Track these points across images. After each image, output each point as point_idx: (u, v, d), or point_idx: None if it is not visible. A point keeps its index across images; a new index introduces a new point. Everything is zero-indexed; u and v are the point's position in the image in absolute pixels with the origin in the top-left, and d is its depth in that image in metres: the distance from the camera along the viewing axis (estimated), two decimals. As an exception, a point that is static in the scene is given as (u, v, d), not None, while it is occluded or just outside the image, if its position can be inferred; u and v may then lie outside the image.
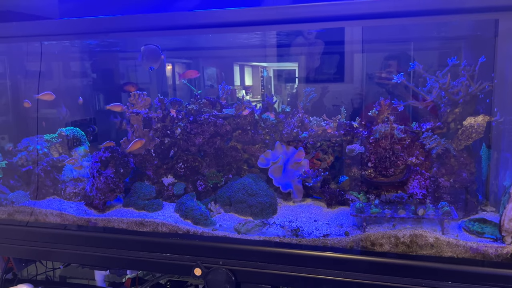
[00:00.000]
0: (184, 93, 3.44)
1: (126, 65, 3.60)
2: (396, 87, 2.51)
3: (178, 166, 2.22)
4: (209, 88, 3.39)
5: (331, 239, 1.78)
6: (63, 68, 3.24)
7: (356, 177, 2.06)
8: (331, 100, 2.92)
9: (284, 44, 2.90)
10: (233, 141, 2.25)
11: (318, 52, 3.01)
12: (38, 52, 2.49)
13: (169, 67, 3.53)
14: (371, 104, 2.62)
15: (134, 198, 2.15)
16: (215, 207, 2.12)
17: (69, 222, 2.15)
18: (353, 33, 2.63)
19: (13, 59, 2.98)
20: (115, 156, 2.14)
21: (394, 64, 2.69)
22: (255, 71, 3.49)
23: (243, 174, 2.24)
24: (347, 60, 2.88)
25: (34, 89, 2.50)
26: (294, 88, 3.17)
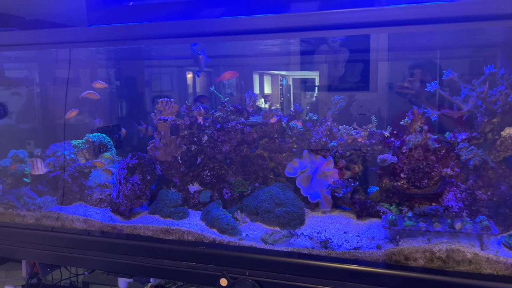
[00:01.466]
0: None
1: (152, 72, 3.65)
2: (417, 97, 2.46)
3: (204, 173, 2.22)
4: (229, 96, 3.41)
5: (362, 252, 1.74)
6: (90, 75, 3.31)
7: (387, 188, 2.01)
8: (356, 109, 2.88)
9: (305, 52, 2.89)
10: (259, 149, 2.24)
11: (342, 60, 2.99)
12: (67, 59, 2.55)
13: (190, 75, 3.58)
14: (400, 113, 2.58)
15: (160, 206, 2.15)
16: (241, 216, 2.11)
17: (95, 228, 2.17)
18: (378, 41, 2.60)
19: (42, 66, 3.07)
20: (142, 162, 2.16)
21: (418, 73, 2.63)
22: (275, 80, 3.50)
23: (269, 183, 2.22)
24: (372, 68, 2.84)
25: (63, 96, 2.56)
26: (313, 96, 3.15)
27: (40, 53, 2.99)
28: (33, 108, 3.13)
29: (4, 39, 2.28)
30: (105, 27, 2.28)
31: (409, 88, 2.45)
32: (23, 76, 2.95)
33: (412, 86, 2.46)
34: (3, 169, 2.45)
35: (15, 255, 2.36)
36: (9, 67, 2.78)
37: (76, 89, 3.18)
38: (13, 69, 2.97)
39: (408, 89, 2.45)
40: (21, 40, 2.28)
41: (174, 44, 2.81)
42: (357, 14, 1.76)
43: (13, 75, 2.73)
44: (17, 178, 2.45)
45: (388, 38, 2.54)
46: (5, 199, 2.35)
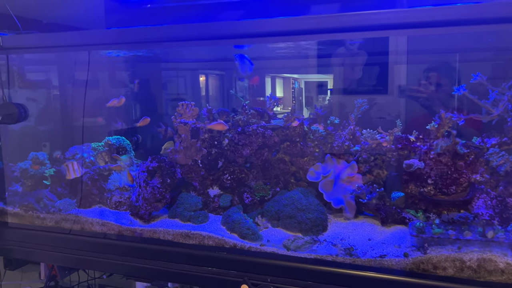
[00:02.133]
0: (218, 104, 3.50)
1: (169, 75, 3.67)
2: (431, 100, 2.41)
3: (225, 177, 2.20)
4: (241, 99, 3.40)
5: (388, 260, 1.69)
6: (109, 78, 3.33)
7: (413, 194, 1.96)
8: (374, 112, 2.84)
9: (318, 55, 2.87)
10: (280, 153, 2.21)
11: (360, 63, 2.95)
12: (86, 61, 2.56)
13: (202, 78, 3.58)
14: (416, 116, 2.53)
15: (180, 210, 2.14)
16: (262, 221, 2.08)
17: (114, 232, 2.17)
18: (397, 43, 2.56)
19: (62, 69, 3.09)
20: (162, 166, 2.15)
21: (433, 76, 2.58)
22: (287, 83, 3.49)
23: (290, 188, 2.19)
24: (391, 71, 2.80)
25: (81, 98, 2.57)
26: (326, 99, 3.12)
27: (59, 55, 3.02)
28: (50, 110, 3.16)
29: (25, 41, 2.30)
30: (125, 29, 2.27)
31: (421, 91, 2.41)
32: (41, 79, 2.97)
33: (425, 89, 2.42)
34: (24, 171, 2.47)
35: (34, 257, 2.37)
36: (28, 69, 2.80)
37: (94, 92, 3.20)
38: (32, 71, 2.99)
39: (421, 92, 2.41)
40: (41, 42, 2.30)
41: (191, 47, 2.80)
42: (379, 16, 1.72)
43: (32, 77, 2.75)
44: (37, 180, 2.46)
45: (408, 41, 2.50)
46: (24, 201, 2.36)
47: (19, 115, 2.25)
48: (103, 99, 3.26)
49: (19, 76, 2.45)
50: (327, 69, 3.17)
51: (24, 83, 2.48)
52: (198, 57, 3.48)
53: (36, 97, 2.85)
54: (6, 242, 2.33)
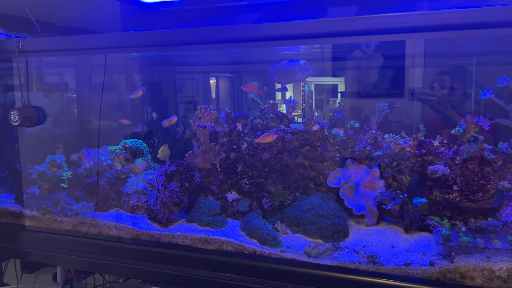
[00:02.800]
0: (228, 107, 3.49)
1: (185, 78, 3.67)
2: (441, 104, 2.36)
3: (243, 182, 2.18)
4: (250, 102, 3.41)
5: (413, 268, 1.66)
6: (125, 81, 3.34)
7: (437, 200, 1.92)
8: (391, 116, 2.80)
9: (329, 58, 2.84)
10: (300, 157, 2.19)
11: (374, 66, 2.92)
12: (103, 64, 2.56)
13: (213, 81, 3.57)
14: (428, 120, 2.48)
15: (198, 214, 2.12)
16: (281, 226, 2.06)
17: (132, 236, 2.16)
18: (415, 46, 2.52)
19: (78, 72, 3.11)
20: (181, 170, 2.14)
21: (445, 79, 2.54)
22: (296, 86, 3.49)
23: (310, 193, 2.16)
24: (408, 74, 2.76)
25: (97, 101, 2.57)
26: (336, 103, 3.09)
27: (76, 58, 3.04)
28: (67, 113, 3.18)
29: (45, 44, 2.32)
30: (138, 32, 2.26)
31: (431, 94, 2.37)
32: (58, 81, 2.99)
33: (435, 92, 2.37)
34: (41, 174, 2.48)
35: (50, 260, 2.38)
36: (46, 72, 2.82)
37: (111, 95, 3.21)
38: (49, 74, 3.01)
39: (432, 95, 2.36)
40: (60, 45, 2.30)
41: (205, 50, 2.78)
42: (402, 18, 1.70)
43: (50, 80, 2.76)
44: (54, 183, 2.47)
45: (425, 43, 2.46)
46: (42, 204, 2.37)
47: (38, 118, 2.25)
48: (119, 102, 3.29)
49: (37, 79, 2.46)
50: (338, 72, 3.15)
51: (42, 86, 2.49)
52: (211, 60, 3.49)
53: (52, 99, 2.86)
54: (23, 245, 2.34)
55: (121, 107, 3.27)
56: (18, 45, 2.20)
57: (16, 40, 2.19)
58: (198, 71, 3.70)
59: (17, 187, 2.49)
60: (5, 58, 2.39)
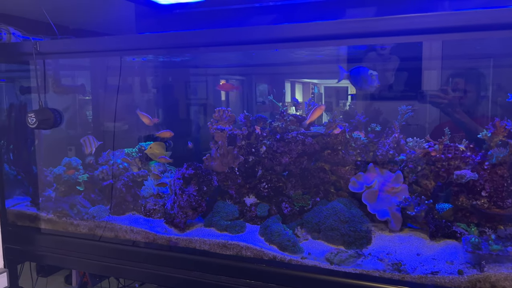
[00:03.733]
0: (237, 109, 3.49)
1: (195, 81, 3.66)
2: (452, 107, 2.30)
3: (262, 186, 2.15)
4: (260, 105, 3.40)
5: (441, 277, 1.61)
6: (140, 83, 3.34)
7: (464, 206, 1.87)
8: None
9: (341, 60, 2.80)
10: (320, 161, 2.15)
11: (390, 68, 2.87)
12: (117, 66, 2.55)
13: (223, 82, 3.56)
14: (441, 123, 2.42)
15: (216, 218, 2.09)
16: (301, 232, 2.02)
17: (149, 240, 2.14)
18: (431, 48, 2.47)
19: (94, 74, 3.11)
20: (199, 173, 2.11)
21: (456, 82, 2.48)
22: (306, 88, 3.47)
23: (330, 198, 2.12)
24: (424, 77, 2.71)
25: (112, 103, 2.56)
26: (347, 105, 3.05)
27: (91, 61, 3.04)
28: (79, 115, 3.18)
29: (62, 46, 2.31)
30: (153, 35, 2.24)
31: (441, 97, 2.31)
32: (74, 84, 2.99)
33: (445, 95, 2.31)
34: (57, 177, 2.47)
35: (65, 264, 2.37)
36: (62, 74, 2.82)
37: (126, 97, 3.21)
38: (65, 76, 3.01)
39: (441, 98, 2.30)
40: (78, 47, 2.30)
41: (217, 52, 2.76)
42: (421, 19, 1.65)
43: (66, 82, 2.76)
44: (70, 186, 2.46)
45: (442, 45, 2.41)
46: (58, 207, 2.36)
47: (55, 121, 2.25)
48: (134, 104, 3.28)
49: (54, 81, 2.46)
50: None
51: (59, 89, 2.49)
52: (222, 63, 3.48)
53: (68, 101, 2.86)
54: (39, 248, 2.33)
55: (132, 110, 3.26)
56: (36, 47, 2.19)
57: (33, 42, 2.19)
58: (208, 73, 3.69)
59: (33, 190, 2.48)
60: (21, 60, 2.40)
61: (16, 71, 2.61)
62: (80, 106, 3.18)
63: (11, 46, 2.30)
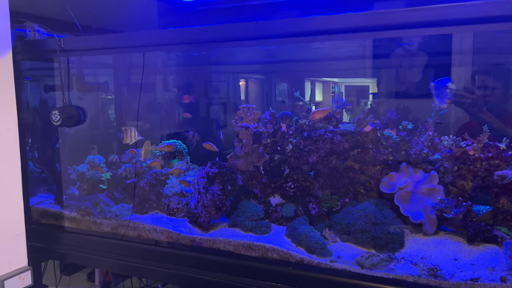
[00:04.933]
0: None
1: (220, 78, 3.63)
2: (477, 106, 2.17)
3: (288, 185, 2.09)
4: (280, 104, 3.34)
5: (482, 284, 1.52)
6: (162, 81, 3.32)
7: (505, 209, 1.76)
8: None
9: (362, 57, 2.72)
10: (349, 160, 2.07)
11: (417, 64, 2.77)
12: (140, 64, 2.53)
13: (242, 83, 3.50)
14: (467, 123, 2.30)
15: (241, 218, 2.04)
16: (330, 234, 1.95)
17: (173, 240, 2.11)
18: (462, 42, 2.36)
19: (117, 72, 3.10)
20: (223, 172, 2.06)
21: (482, 80, 2.34)
22: (326, 87, 3.41)
23: (360, 198, 2.04)
24: (454, 73, 2.59)
25: (134, 101, 2.54)
26: (368, 104, 2.96)
27: (114, 58, 3.04)
28: (102, 113, 3.18)
29: (86, 43, 2.30)
30: (176, 29, 2.20)
31: (465, 97, 2.18)
32: (98, 81, 2.99)
33: (469, 95, 2.18)
34: (81, 175, 2.47)
35: (88, 263, 2.36)
36: (86, 72, 2.83)
37: (148, 95, 3.20)
38: (88, 74, 3.01)
39: (465, 97, 2.17)
40: (101, 44, 2.28)
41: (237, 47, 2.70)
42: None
43: (90, 80, 2.76)
44: (94, 184, 2.46)
45: (473, 38, 2.30)
46: (81, 205, 2.35)
47: (78, 118, 2.24)
48: (156, 102, 3.27)
49: (78, 79, 2.46)
50: (370, 73, 3.03)
51: (82, 86, 2.49)
52: (241, 59, 3.44)
53: (92, 99, 2.86)
54: (62, 246, 2.33)
55: (158, 108, 3.26)
56: (60, 44, 2.19)
57: (57, 39, 2.19)
58: (228, 71, 3.65)
59: (57, 188, 2.49)
60: (46, 58, 2.40)
61: (40, 69, 2.62)
62: (103, 104, 3.19)
63: (36, 43, 2.31)
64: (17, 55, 2.31)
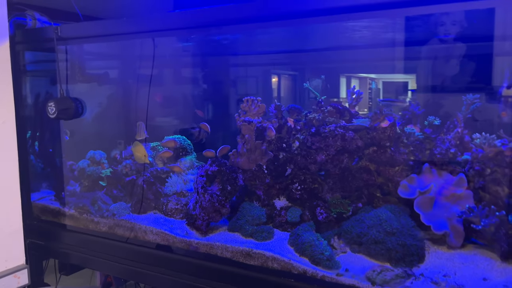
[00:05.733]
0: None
1: (238, 71, 3.45)
2: None
3: (294, 187, 1.88)
4: (313, 100, 3.13)
5: (516, 312, 1.25)
6: (173, 73, 3.18)
7: (548, 221, 1.48)
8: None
9: (404, 52, 2.47)
10: (363, 160, 1.84)
11: (455, 56, 2.48)
12: (148, 55, 2.37)
13: (275, 79, 3.36)
14: None
15: (241, 222, 1.86)
16: (339, 243, 1.73)
17: (168, 243, 1.96)
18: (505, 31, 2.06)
19: (123, 63, 2.98)
20: (223, 170, 1.89)
21: None
22: (363, 83, 3.20)
23: (375, 204, 1.80)
24: (494, 66, 2.29)
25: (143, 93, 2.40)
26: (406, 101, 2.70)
27: (121, 48, 2.91)
28: (113, 106, 3.07)
29: (84, 30, 2.18)
30: (193, 10, 1.99)
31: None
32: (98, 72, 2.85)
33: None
34: (81, 171, 2.37)
35: (89, 264, 2.25)
36: (89, 63, 2.71)
37: (158, 88, 3.06)
38: (92, 65, 2.90)
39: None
40: (101, 30, 2.15)
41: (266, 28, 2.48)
42: None
43: (93, 71, 2.64)
44: (94, 181, 2.35)
45: None
46: (79, 203, 2.25)
47: (76, 111, 2.13)
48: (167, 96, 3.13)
49: (78, 69, 2.35)
50: (409, 69, 2.80)
51: (82, 77, 2.38)
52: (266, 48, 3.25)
53: (96, 92, 2.76)
54: (61, 245, 2.25)
55: (171, 102, 3.12)
56: (57, 32, 2.08)
57: (54, 27, 2.08)
58: (253, 63, 3.45)
59: (56, 184, 2.40)
60: (44, 47, 2.30)
61: (42, 61, 2.54)
62: (111, 98, 3.06)
63: (33, 32, 2.22)
64: (17, 44, 2.24)
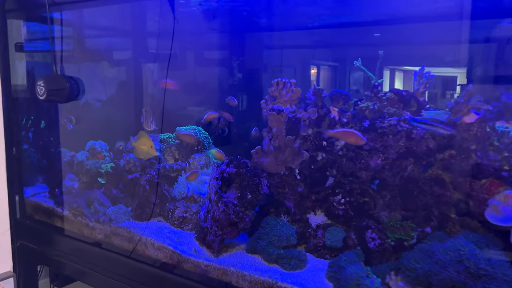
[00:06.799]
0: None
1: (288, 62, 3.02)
2: None
3: (336, 199, 1.42)
4: (354, 93, 2.69)
5: None
6: (195, 58, 2.75)
7: None
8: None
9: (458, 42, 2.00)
10: (435, 167, 1.34)
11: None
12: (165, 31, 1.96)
13: (314, 70, 2.99)
14: None
15: (263, 243, 1.43)
16: (396, 282, 1.25)
17: (172, 261, 1.56)
18: None
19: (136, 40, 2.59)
20: (243, 173, 1.45)
21: None
22: (407, 77, 2.77)
23: (450, 229, 1.31)
24: None
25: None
26: (455, 97, 2.24)
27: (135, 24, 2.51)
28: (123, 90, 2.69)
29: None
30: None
31: None
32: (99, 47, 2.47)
33: None
34: (79, 164, 2.00)
35: (84, 278, 1.89)
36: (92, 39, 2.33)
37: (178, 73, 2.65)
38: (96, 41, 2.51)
39: None
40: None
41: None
42: None
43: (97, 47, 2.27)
44: (93, 177, 1.98)
45: None
46: (74, 203, 1.89)
47: (70, 92, 1.75)
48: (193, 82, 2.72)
49: (77, 43, 1.98)
50: (459, 62, 2.35)
51: (86, 54, 2.01)
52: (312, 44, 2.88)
53: (108, 72, 2.38)
54: (55, 251, 1.90)
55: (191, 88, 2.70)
56: (49, -5, 1.71)
57: (46, -11, 1.71)
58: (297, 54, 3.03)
59: (51, 178, 2.05)
60: (42, 17, 1.95)
61: (39, 33, 2.18)
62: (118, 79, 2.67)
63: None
64: (8, 13, 1.90)
